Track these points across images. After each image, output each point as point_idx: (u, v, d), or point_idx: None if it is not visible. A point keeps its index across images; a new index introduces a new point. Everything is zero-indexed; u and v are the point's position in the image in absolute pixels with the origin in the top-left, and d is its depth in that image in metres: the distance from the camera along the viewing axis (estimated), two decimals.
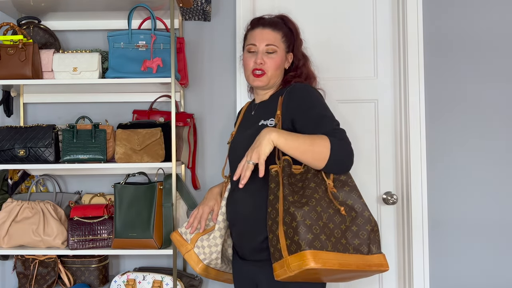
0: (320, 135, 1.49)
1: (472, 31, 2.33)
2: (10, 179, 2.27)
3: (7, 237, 2.06)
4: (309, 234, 1.39)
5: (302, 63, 1.77)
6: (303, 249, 1.37)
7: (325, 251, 1.39)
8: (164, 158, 2.08)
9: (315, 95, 1.62)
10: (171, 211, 2.04)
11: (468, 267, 2.31)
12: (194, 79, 2.39)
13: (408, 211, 2.32)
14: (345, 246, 1.43)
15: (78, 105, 2.40)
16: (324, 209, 1.45)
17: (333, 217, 1.45)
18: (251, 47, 1.72)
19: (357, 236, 1.46)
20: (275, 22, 1.76)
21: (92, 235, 2.06)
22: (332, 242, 1.42)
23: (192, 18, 2.37)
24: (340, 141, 1.50)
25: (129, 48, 2.06)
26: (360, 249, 1.45)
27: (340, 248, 1.42)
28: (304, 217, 1.41)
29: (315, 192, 1.47)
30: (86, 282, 2.19)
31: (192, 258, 1.74)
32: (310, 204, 1.44)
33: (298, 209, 1.42)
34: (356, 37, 2.41)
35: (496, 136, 2.31)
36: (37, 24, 2.28)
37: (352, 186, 1.53)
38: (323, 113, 1.57)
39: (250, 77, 1.73)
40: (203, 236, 1.75)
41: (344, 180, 1.53)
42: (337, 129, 1.54)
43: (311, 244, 1.38)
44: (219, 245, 1.73)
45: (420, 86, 2.31)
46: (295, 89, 1.64)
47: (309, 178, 1.51)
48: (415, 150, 2.30)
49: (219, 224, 1.73)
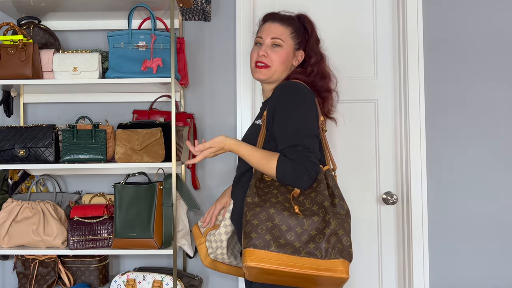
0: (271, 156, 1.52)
1: (472, 31, 2.33)
2: (10, 179, 2.27)
3: (7, 237, 2.06)
4: (253, 233, 1.43)
5: (314, 60, 1.73)
6: (245, 247, 1.42)
7: (267, 251, 1.40)
8: (164, 158, 2.08)
9: (294, 98, 1.57)
10: (171, 211, 2.04)
11: (468, 267, 2.31)
12: (194, 79, 2.39)
13: (408, 211, 2.32)
14: (297, 249, 1.42)
15: (78, 105, 2.40)
16: (278, 212, 1.45)
17: (288, 220, 1.44)
18: (258, 39, 1.73)
19: (313, 240, 1.43)
20: (286, 18, 1.74)
21: (92, 235, 2.06)
22: (280, 243, 1.42)
23: (192, 18, 2.37)
24: (291, 162, 1.49)
25: (129, 48, 2.06)
26: (314, 253, 1.42)
27: (288, 250, 1.41)
28: (253, 217, 1.45)
29: (274, 197, 1.50)
30: (86, 282, 2.19)
31: (202, 250, 1.82)
32: (263, 206, 1.47)
33: (250, 209, 1.47)
34: (356, 37, 2.41)
35: (496, 136, 2.31)
36: (37, 24, 2.28)
37: (319, 191, 1.50)
38: (291, 122, 1.53)
39: (253, 70, 1.73)
40: (212, 231, 1.81)
41: (313, 187, 1.52)
42: (297, 146, 1.50)
43: (252, 243, 1.41)
44: (224, 241, 1.76)
45: (420, 86, 2.31)
46: (279, 88, 1.62)
47: (276, 185, 1.54)
48: (415, 150, 2.30)
49: (225, 221, 1.77)
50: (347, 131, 2.40)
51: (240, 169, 1.73)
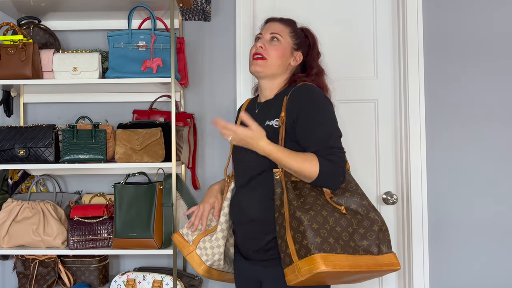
0: (310, 158, 1.49)
1: (472, 31, 2.33)
2: (10, 179, 2.28)
3: (7, 237, 2.06)
4: (317, 237, 1.39)
5: (315, 71, 1.73)
6: (313, 252, 1.37)
7: (335, 254, 1.39)
8: (164, 158, 2.08)
9: (321, 101, 1.58)
10: (171, 211, 2.04)
11: (468, 267, 2.31)
12: (194, 79, 2.39)
13: (408, 211, 2.32)
14: (354, 248, 1.44)
15: (78, 105, 2.40)
16: (330, 213, 1.45)
17: (339, 221, 1.45)
18: (258, 35, 1.75)
19: (365, 237, 1.46)
20: (288, 20, 1.76)
21: (92, 235, 2.06)
22: (341, 244, 1.42)
23: (192, 18, 2.37)
24: (330, 163, 1.49)
25: (129, 48, 2.07)
26: (370, 250, 1.45)
27: (349, 250, 1.42)
28: (311, 221, 1.41)
29: (317, 199, 1.48)
30: (86, 282, 2.19)
31: (195, 259, 1.73)
32: (314, 209, 1.45)
33: (304, 213, 1.42)
34: (356, 37, 2.41)
35: (496, 136, 2.31)
36: (37, 24, 2.28)
37: (352, 191, 1.52)
38: (323, 125, 1.54)
39: (250, 63, 1.72)
40: (205, 237, 1.72)
41: (344, 187, 1.53)
42: (333, 148, 1.52)
43: (320, 248, 1.38)
44: (221, 246, 1.71)
45: (420, 86, 2.31)
46: (300, 90, 1.60)
47: (308, 187, 1.52)
48: (415, 150, 2.31)
49: (221, 225, 1.71)
50: (347, 131, 2.39)
51: (248, 173, 1.65)
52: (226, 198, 1.74)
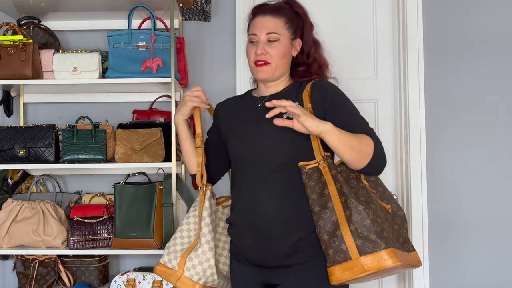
0: (363, 135, 1.46)
1: (472, 31, 2.33)
2: (10, 179, 2.28)
3: (7, 237, 2.06)
4: (384, 232, 1.34)
5: (313, 50, 1.66)
6: (384, 247, 1.32)
7: (396, 249, 1.36)
8: (164, 158, 2.08)
9: (344, 94, 1.61)
10: (171, 211, 2.04)
11: (468, 267, 2.31)
12: (194, 79, 2.39)
13: (408, 211, 2.32)
14: (401, 244, 1.42)
15: (78, 105, 2.40)
16: (381, 207, 1.42)
17: (386, 215, 1.41)
18: (252, 37, 1.61)
19: (400, 235, 1.44)
20: (277, 7, 1.62)
21: (92, 235, 2.07)
22: (394, 241, 1.39)
23: (192, 18, 2.37)
24: (378, 143, 1.49)
25: (129, 48, 2.07)
26: (405, 247, 1.43)
27: (398, 246, 1.40)
28: (375, 215, 1.35)
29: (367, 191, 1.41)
30: (86, 282, 2.19)
31: (186, 283, 1.57)
32: (373, 201, 1.38)
33: (367, 206, 1.36)
34: (356, 37, 2.41)
35: (496, 136, 2.31)
36: (37, 24, 2.28)
37: (384, 187, 1.50)
38: (356, 112, 1.56)
39: (253, 70, 1.61)
40: (190, 254, 1.57)
41: (375, 181, 1.50)
42: (372, 130, 1.52)
43: (387, 242, 1.33)
44: (211, 259, 1.56)
45: (420, 86, 2.31)
46: (325, 84, 1.59)
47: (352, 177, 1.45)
48: (415, 150, 2.30)
49: (205, 237, 1.57)
50: None
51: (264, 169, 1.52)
52: (205, 207, 1.60)
